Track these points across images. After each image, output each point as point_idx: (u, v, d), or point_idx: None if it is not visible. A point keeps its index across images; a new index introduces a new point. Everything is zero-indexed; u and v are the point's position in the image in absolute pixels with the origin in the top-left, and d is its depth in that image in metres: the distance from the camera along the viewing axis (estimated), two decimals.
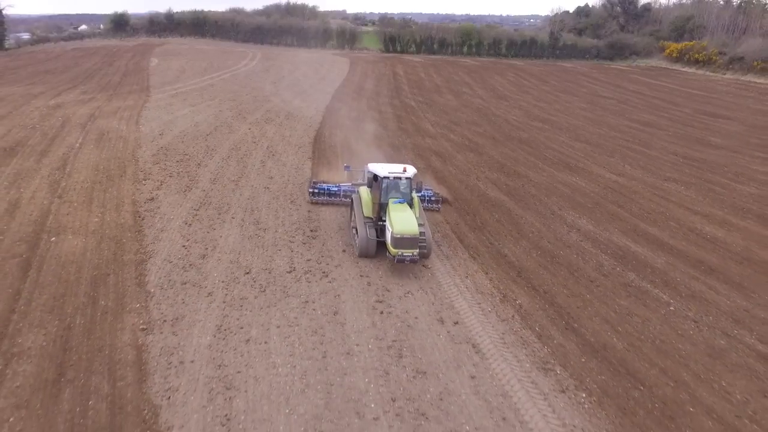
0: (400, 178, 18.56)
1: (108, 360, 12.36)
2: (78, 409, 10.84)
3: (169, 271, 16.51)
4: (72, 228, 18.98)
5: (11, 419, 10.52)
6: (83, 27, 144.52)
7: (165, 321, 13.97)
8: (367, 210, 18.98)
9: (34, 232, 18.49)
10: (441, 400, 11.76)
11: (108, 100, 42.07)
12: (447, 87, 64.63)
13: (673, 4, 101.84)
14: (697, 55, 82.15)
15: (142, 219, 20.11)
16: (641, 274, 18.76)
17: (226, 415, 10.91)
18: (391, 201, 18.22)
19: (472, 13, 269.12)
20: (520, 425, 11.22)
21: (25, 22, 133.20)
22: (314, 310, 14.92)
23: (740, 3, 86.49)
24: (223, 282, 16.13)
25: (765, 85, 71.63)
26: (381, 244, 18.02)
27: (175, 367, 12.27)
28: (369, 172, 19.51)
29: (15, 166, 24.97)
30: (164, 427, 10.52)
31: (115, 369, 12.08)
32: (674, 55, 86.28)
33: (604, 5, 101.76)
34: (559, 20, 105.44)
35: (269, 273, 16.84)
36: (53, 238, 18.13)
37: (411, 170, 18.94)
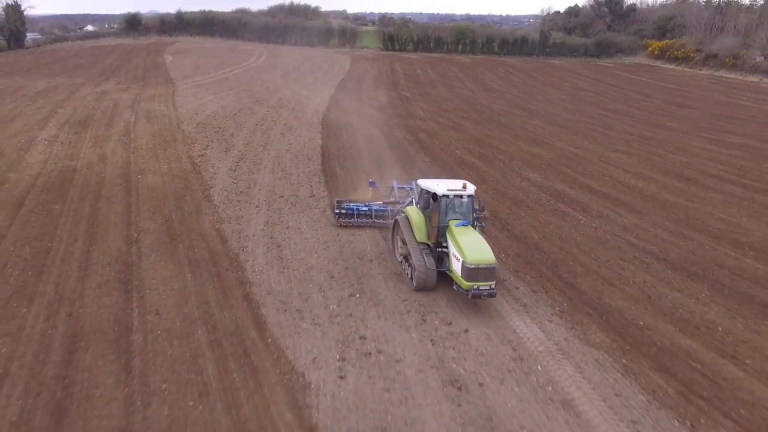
0: (461, 197, 17.05)
1: (199, 234, 19.94)
2: (189, 253, 18.41)
3: (226, 195, 24.14)
4: (150, 170, 26.65)
5: (152, 255, 18.08)
6: (89, 27, 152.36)
7: (230, 218, 21.60)
8: (420, 234, 17.17)
9: (123, 173, 26.15)
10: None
11: (142, 89, 49.88)
12: (440, 81, 72.14)
13: (659, 4, 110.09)
14: (676, 53, 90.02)
15: (199, 166, 27.76)
16: (568, 204, 26.27)
17: (279, 256, 18.50)
18: (452, 224, 16.64)
19: (472, 13, 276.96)
20: None
21: (31, 22, 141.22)
22: (329, 214, 22.51)
23: (719, 3, 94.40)
24: (265, 201, 23.75)
25: (733, 79, 79.31)
26: (440, 274, 16.61)
27: (243, 238, 19.87)
28: (423, 189, 18.02)
29: (91, 133, 32.76)
30: (243, 260, 18.09)
31: (205, 238, 19.66)
32: (656, 52, 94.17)
33: (591, 6, 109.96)
34: (550, 20, 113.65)
35: (296, 197, 24.46)
36: (139, 176, 25.80)
37: (471, 186, 17.39)
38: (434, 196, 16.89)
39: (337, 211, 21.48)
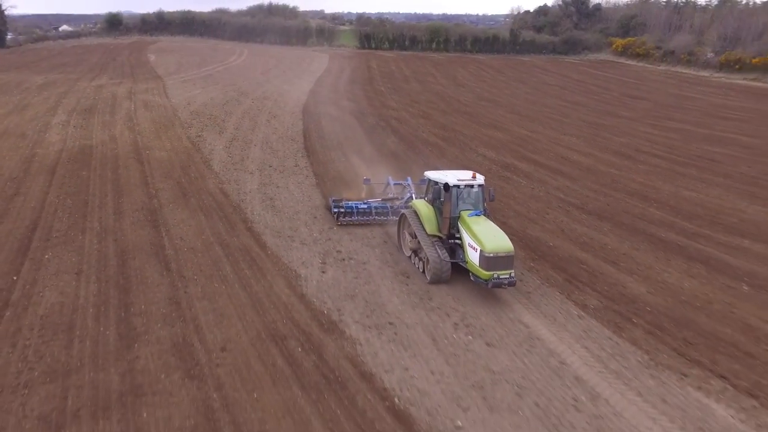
0: (471, 186, 17.46)
1: (206, 192, 24.90)
2: (199, 203, 23.36)
3: (224, 165, 29.13)
4: (156, 147, 31.53)
5: (170, 205, 22.99)
6: (64, 27, 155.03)
7: (230, 181, 26.61)
8: (431, 227, 17.45)
9: (134, 149, 30.98)
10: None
11: (134, 83, 54.51)
12: (414, 77, 77.50)
13: (623, 3, 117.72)
14: (638, 50, 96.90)
15: (198, 145, 32.68)
16: (513, 173, 31.66)
17: (272, 205, 23.57)
18: (464, 214, 16.99)
19: (449, 13, 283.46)
20: None
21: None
22: (312, 179, 27.62)
23: (677, 3, 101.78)
24: (257, 169, 28.79)
25: (687, 74, 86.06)
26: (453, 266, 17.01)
27: (242, 193, 24.89)
28: (431, 181, 18.50)
29: (98, 119, 37.53)
30: (243, 207, 23.10)
31: (211, 194, 24.63)
32: (620, 49, 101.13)
33: (559, 5, 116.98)
34: (520, 18, 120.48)
35: (284, 166, 29.54)
36: (147, 152, 30.66)
37: (480, 176, 17.82)
38: (446, 186, 17.04)
39: (335, 210, 21.62)
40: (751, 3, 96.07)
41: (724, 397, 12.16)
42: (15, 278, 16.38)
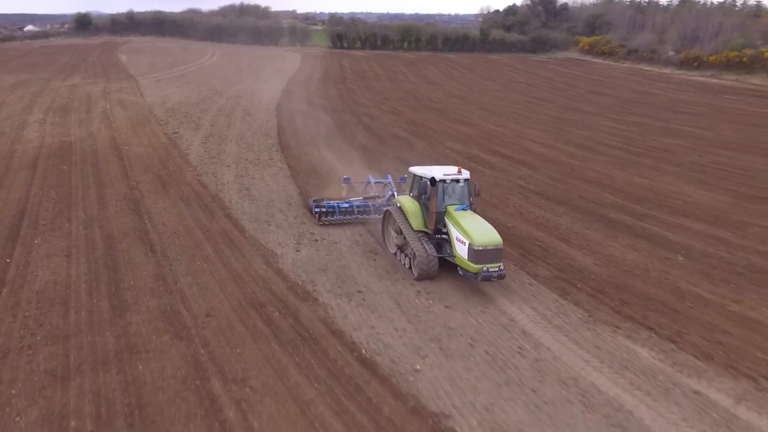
0: (457, 181, 17.61)
1: (185, 183, 26.22)
2: (179, 193, 24.68)
3: (201, 159, 30.44)
4: (134, 143, 32.68)
5: (151, 196, 24.27)
6: (29, 27, 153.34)
7: (207, 173, 27.95)
8: (417, 222, 17.59)
9: (112, 145, 32.09)
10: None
11: (108, 83, 55.26)
12: (386, 76, 79.25)
13: (589, 3, 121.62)
14: (603, 48, 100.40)
15: (175, 141, 33.91)
16: (478, 163, 33.51)
17: (249, 195, 25.00)
18: (451, 208, 17.13)
19: (421, 12, 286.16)
20: None
21: None
22: (286, 171, 29.10)
23: (640, 3, 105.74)
24: (233, 162, 30.17)
25: (649, 71, 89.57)
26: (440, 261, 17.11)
27: (219, 184, 26.26)
28: (417, 176, 18.53)
29: (75, 117, 38.45)
30: (221, 197, 24.48)
31: (190, 185, 25.95)
32: (586, 47, 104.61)
33: (528, 5, 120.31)
34: (490, 18, 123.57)
35: (259, 160, 30.95)
36: (126, 147, 31.80)
37: (465, 171, 18.15)
38: (432, 181, 17.04)
39: (317, 210, 21.70)
40: (708, 3, 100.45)
41: (648, 343, 14.07)
42: (8, 261, 17.60)
